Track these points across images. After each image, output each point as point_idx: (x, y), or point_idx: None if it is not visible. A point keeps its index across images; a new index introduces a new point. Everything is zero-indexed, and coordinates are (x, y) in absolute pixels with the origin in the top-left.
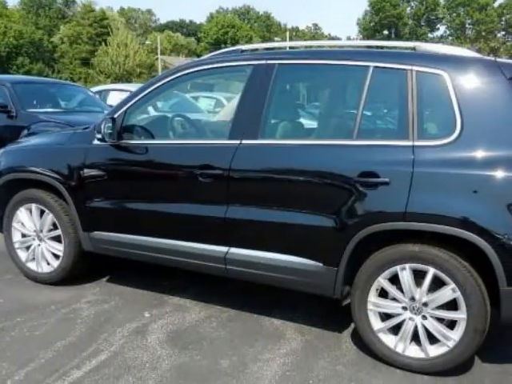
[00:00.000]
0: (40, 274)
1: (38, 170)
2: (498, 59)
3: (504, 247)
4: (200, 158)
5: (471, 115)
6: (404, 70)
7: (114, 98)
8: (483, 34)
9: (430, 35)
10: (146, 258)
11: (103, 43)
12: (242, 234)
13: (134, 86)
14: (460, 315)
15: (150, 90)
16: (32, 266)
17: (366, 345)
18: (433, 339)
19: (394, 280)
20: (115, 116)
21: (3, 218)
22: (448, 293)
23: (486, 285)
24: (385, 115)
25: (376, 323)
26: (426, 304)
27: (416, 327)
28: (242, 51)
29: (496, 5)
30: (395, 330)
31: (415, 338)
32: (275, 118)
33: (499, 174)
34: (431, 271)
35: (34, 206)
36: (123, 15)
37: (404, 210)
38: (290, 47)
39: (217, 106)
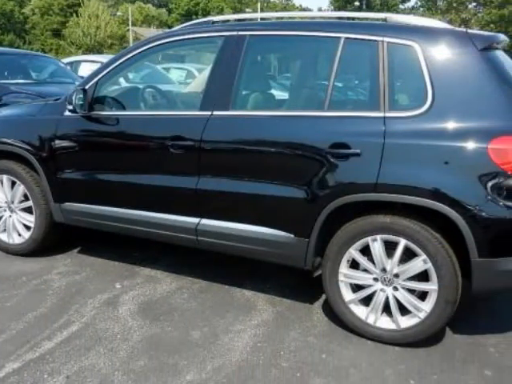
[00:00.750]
0: (11, 245)
1: (9, 141)
2: (469, 30)
3: (475, 218)
4: (171, 129)
5: (442, 86)
6: (375, 41)
7: (85, 69)
8: (454, 5)
9: (401, 6)
10: (117, 229)
11: (74, 14)
12: (214, 206)
13: (105, 58)
14: (431, 286)
15: (121, 61)
16: (3, 237)
17: (337, 316)
18: (404, 310)
19: (366, 251)
20: (86, 87)
21: None
22: (419, 264)
23: (457, 256)
24: (356, 86)
25: (347, 294)
26: (397, 275)
27: (387, 298)
28: (213, 22)
29: None
30: (366, 301)
31: (386, 309)
32: (246, 89)
33: (470, 145)
34: (402, 242)
35: (5, 178)
36: None
37: (375, 181)
38: (262, 18)
39: (188, 78)
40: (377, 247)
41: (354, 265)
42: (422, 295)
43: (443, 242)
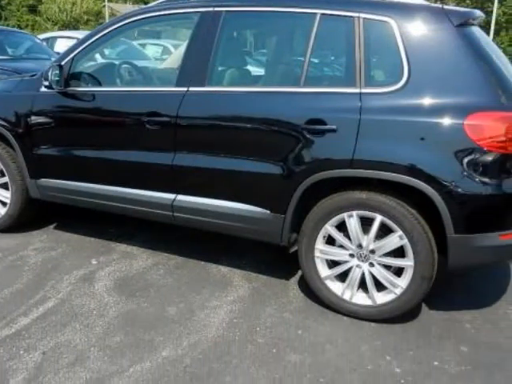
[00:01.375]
0: None
1: None
2: (445, 6)
3: (451, 194)
4: (147, 105)
5: (418, 62)
6: (351, 17)
7: (61, 46)
8: None
9: None
10: (93, 206)
11: None
12: (190, 182)
13: (81, 34)
14: (407, 262)
15: (97, 37)
16: None
17: (313, 292)
18: (380, 286)
19: (342, 227)
20: (62, 63)
21: None
22: (395, 240)
23: (433, 232)
24: (332, 62)
25: (323, 270)
26: (373, 251)
27: (363, 274)
28: None
29: None
30: (342, 277)
31: (362, 285)
32: (222, 65)
33: (446, 121)
34: (378, 218)
35: None
36: None
37: (351, 157)
38: None
39: (164, 54)
40: (353, 223)
41: (330, 241)
42: (398, 271)
43: (419, 218)
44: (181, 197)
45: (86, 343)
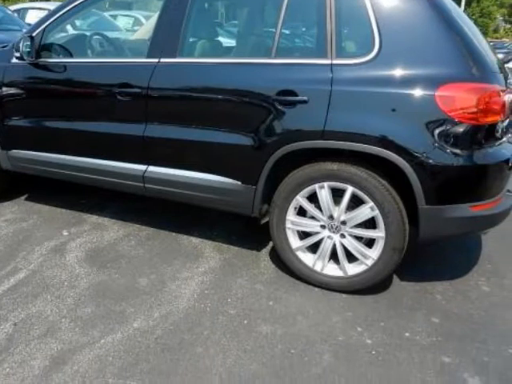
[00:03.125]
0: None
1: None
2: None
3: (422, 165)
4: (118, 77)
5: (389, 33)
6: None
7: (33, 17)
8: None
9: None
10: (64, 177)
11: None
12: (161, 153)
13: (52, 5)
14: (378, 234)
15: (68, 8)
16: None
17: (284, 263)
18: (351, 258)
19: (313, 198)
20: (34, 34)
21: None
22: (366, 211)
23: (404, 203)
24: (303, 34)
25: (294, 242)
26: (344, 222)
27: (334, 246)
28: None
29: None
30: (314, 248)
31: (334, 256)
32: (194, 37)
33: (417, 92)
34: (349, 189)
35: None
36: None
37: (322, 129)
38: None
39: (135, 25)
40: (324, 194)
41: (302, 212)
42: (370, 242)
43: (390, 190)
44: (152, 168)
45: (58, 314)
